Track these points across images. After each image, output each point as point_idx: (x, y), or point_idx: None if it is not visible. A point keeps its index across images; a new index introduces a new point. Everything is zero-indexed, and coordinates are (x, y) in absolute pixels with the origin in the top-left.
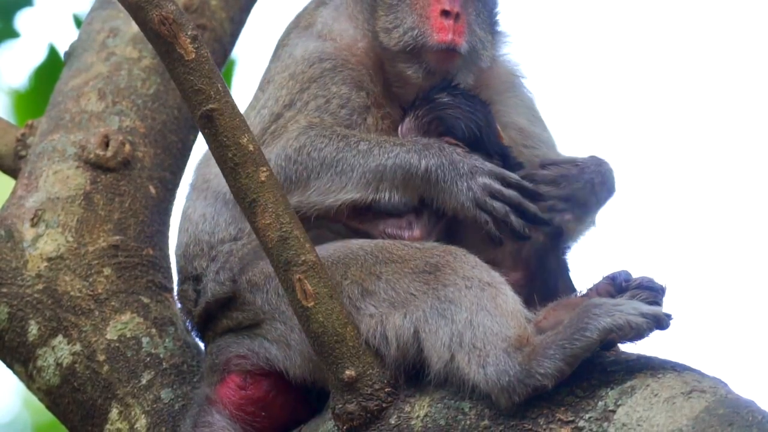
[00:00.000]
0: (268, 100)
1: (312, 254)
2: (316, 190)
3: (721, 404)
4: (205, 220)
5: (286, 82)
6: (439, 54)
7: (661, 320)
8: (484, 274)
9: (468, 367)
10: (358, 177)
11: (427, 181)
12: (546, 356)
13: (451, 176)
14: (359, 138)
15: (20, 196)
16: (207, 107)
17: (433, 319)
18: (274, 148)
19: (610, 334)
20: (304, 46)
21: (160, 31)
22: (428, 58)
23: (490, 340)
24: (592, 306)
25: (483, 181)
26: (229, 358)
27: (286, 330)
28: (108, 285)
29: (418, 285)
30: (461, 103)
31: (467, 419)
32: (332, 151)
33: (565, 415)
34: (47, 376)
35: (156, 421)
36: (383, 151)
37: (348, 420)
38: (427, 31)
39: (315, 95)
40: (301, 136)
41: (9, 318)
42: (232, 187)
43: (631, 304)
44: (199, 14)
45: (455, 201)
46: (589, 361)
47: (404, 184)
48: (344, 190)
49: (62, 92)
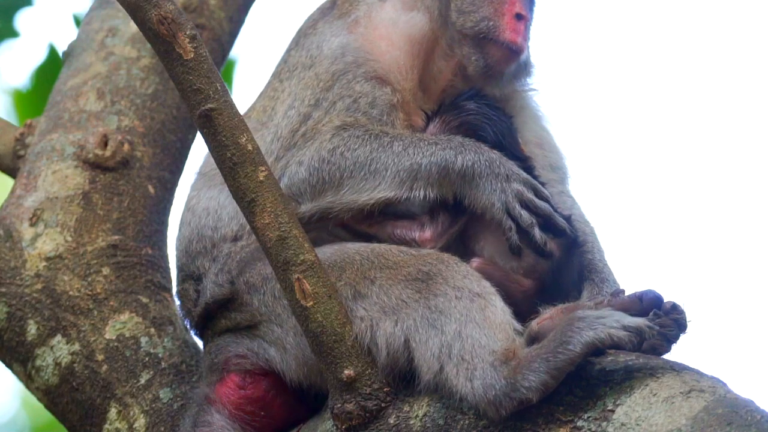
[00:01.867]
0: (295, 100)
1: (311, 254)
2: (350, 189)
3: (719, 404)
4: (209, 214)
5: (311, 81)
6: (504, 51)
7: (644, 333)
8: (474, 284)
9: (456, 379)
10: (392, 175)
11: (463, 176)
12: (531, 369)
13: (487, 174)
14: (393, 137)
15: (19, 196)
16: (206, 107)
17: (423, 329)
18: (308, 150)
19: (592, 347)
20: (329, 40)
21: (159, 30)
22: (492, 51)
23: (477, 353)
24: (576, 319)
25: (517, 188)
26: (228, 357)
27: (282, 333)
28: (107, 284)
29: (410, 293)
30: (488, 111)
31: (466, 419)
32: (366, 151)
33: (564, 415)
34: (46, 375)
35: (155, 421)
36: (418, 150)
37: (347, 419)
38: (501, 26)
39: (341, 95)
40: (335, 138)
41: (8, 317)
42: (231, 186)
43: (614, 316)
44: (197, 14)
45: (486, 200)
46: (587, 361)
47: (440, 181)
48: (378, 189)
49: (61, 92)
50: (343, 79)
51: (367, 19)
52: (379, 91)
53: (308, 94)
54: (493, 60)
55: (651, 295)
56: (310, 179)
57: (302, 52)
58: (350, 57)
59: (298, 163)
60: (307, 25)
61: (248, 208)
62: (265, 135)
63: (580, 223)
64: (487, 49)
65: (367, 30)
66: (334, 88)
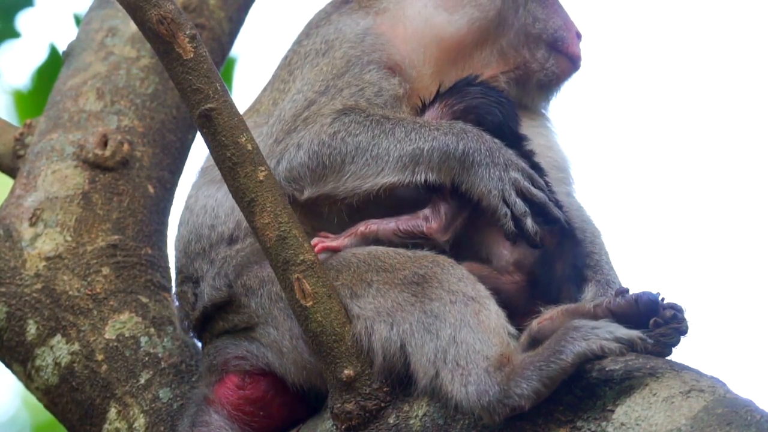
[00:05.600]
0: (305, 85)
1: (310, 254)
2: (353, 175)
3: (719, 404)
4: (206, 212)
5: (325, 67)
6: (569, 64)
7: (636, 345)
8: (469, 288)
9: (452, 384)
10: (394, 161)
11: (462, 162)
12: (524, 377)
13: (486, 162)
14: (395, 122)
15: (18, 196)
16: (205, 106)
17: (419, 333)
18: (307, 133)
19: (584, 358)
20: (350, 25)
21: (159, 30)
22: (557, 60)
23: (472, 359)
24: (571, 329)
25: (514, 176)
26: (227, 359)
27: (279, 336)
28: (106, 284)
29: (406, 296)
30: (492, 93)
31: (466, 419)
32: (368, 137)
33: (564, 415)
34: (46, 375)
35: (154, 421)
36: (420, 135)
37: (346, 419)
38: (569, 38)
39: (349, 83)
40: (336, 122)
41: (7, 317)
42: (231, 186)
43: (607, 327)
44: (197, 13)
45: (483, 187)
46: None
47: (440, 166)
48: (381, 174)
49: (61, 92)
50: (355, 67)
51: (397, 9)
52: (386, 82)
53: (319, 80)
54: (558, 70)
55: (646, 298)
56: (309, 163)
57: (316, 39)
58: (370, 40)
59: (297, 146)
60: (319, 17)
61: (248, 207)
62: (270, 121)
63: (586, 223)
64: (552, 56)
65: (395, 20)
66: (345, 75)
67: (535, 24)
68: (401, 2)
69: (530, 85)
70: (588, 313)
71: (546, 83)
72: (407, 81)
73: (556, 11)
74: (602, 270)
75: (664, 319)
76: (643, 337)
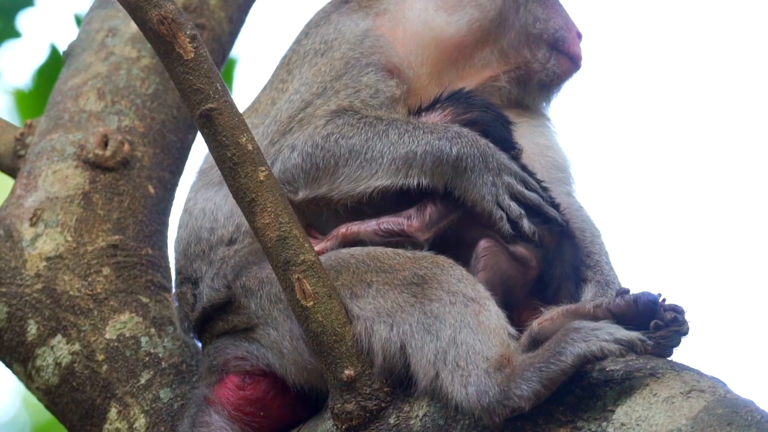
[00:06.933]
0: (302, 85)
1: (311, 254)
2: (347, 178)
3: (719, 404)
4: (205, 215)
5: (324, 68)
6: (570, 64)
7: (636, 346)
8: (469, 289)
9: (452, 385)
10: (388, 163)
11: (455, 168)
12: (524, 378)
13: (479, 168)
14: (388, 123)
15: (19, 196)
16: (206, 107)
17: (419, 334)
18: (301, 134)
19: (584, 359)
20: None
21: (159, 30)
22: (558, 59)
23: (472, 360)
24: (571, 330)
25: (507, 180)
26: (227, 359)
27: (279, 337)
28: (107, 284)
29: (406, 297)
30: (494, 109)
31: (466, 419)
32: (362, 139)
33: (564, 415)
34: (46, 375)
35: (155, 421)
36: (413, 138)
37: (347, 419)
38: (570, 38)
39: (346, 86)
40: (329, 124)
41: (8, 317)
42: (231, 186)
43: (607, 328)
44: (197, 14)
45: (477, 193)
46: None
47: (433, 171)
48: (375, 177)
49: (61, 92)
50: (353, 69)
51: (397, 11)
52: (383, 84)
53: (317, 81)
54: (560, 69)
55: (646, 299)
56: (303, 165)
57: (315, 39)
58: (369, 42)
59: (291, 147)
60: (319, 17)
61: (248, 208)
62: (266, 121)
63: (586, 223)
64: (552, 56)
65: (394, 22)
66: (342, 78)
67: (535, 24)
68: (401, 4)
69: (531, 85)
70: (588, 314)
71: (547, 83)
72: (405, 82)
73: (556, 11)
74: (602, 270)
75: (665, 321)
76: (642, 338)
